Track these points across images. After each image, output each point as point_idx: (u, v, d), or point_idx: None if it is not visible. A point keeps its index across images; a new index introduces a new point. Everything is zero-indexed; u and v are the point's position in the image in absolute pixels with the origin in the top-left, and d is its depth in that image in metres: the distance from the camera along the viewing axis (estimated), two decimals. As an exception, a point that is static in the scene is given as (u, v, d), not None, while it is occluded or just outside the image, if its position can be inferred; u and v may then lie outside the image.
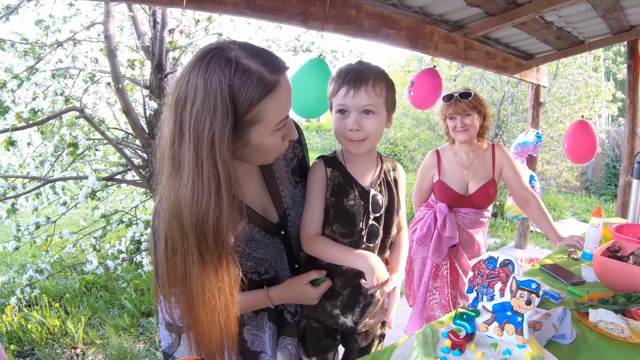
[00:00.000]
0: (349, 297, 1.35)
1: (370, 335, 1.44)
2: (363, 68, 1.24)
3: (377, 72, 1.25)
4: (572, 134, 3.77)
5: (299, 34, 4.35)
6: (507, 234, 6.40)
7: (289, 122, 1.03)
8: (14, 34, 3.30)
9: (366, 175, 1.34)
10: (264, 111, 0.89)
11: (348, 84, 1.21)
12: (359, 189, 1.30)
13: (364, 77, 1.21)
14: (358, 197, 1.29)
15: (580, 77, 7.40)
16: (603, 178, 10.27)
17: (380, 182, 1.34)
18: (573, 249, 1.98)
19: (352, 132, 1.22)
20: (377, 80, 1.22)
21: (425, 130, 8.80)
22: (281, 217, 1.22)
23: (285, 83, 0.94)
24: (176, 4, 2.13)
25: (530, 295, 0.83)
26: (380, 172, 1.36)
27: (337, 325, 1.38)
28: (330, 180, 1.30)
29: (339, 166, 1.32)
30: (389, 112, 1.31)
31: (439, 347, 0.87)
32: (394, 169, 1.41)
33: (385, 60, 20.81)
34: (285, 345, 1.27)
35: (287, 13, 2.46)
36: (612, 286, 1.49)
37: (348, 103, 1.21)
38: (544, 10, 3.09)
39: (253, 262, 1.16)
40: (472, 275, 0.93)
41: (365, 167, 1.34)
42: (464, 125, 2.18)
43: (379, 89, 1.22)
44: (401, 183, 1.42)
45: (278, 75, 0.91)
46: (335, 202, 1.29)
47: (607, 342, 1.18)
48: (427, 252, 2.34)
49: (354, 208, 1.28)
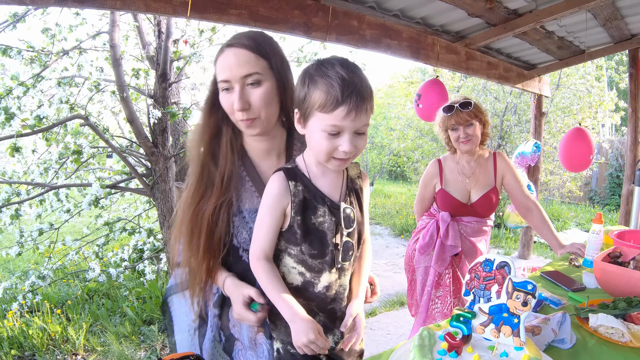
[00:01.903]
0: (326, 319, 1.20)
1: (352, 352, 1.28)
2: (361, 82, 1.03)
3: (368, 86, 1.06)
4: (568, 142, 3.77)
5: (302, 44, 4.40)
6: (510, 244, 6.37)
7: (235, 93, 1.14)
8: (20, 41, 3.36)
9: (334, 188, 1.18)
10: (216, 70, 1.17)
11: (348, 104, 1.00)
12: (329, 203, 1.15)
13: (366, 95, 1.03)
14: (328, 213, 1.15)
15: (582, 87, 7.41)
16: (607, 188, 10.22)
17: (349, 193, 1.20)
18: (574, 256, 1.97)
19: (345, 153, 1.05)
20: (370, 97, 1.05)
21: (429, 141, 8.82)
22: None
23: (228, 54, 1.14)
24: (180, 14, 2.17)
25: (527, 297, 0.83)
26: (346, 182, 1.21)
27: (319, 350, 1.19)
28: (294, 196, 1.13)
29: (303, 179, 1.16)
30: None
31: (435, 350, 0.87)
32: (359, 177, 1.26)
33: (388, 73, 20.89)
34: (260, 342, 1.24)
35: (290, 24, 2.50)
36: (613, 291, 1.49)
37: (347, 125, 1.02)
38: (544, 20, 3.12)
39: (248, 235, 1.20)
40: (469, 278, 0.93)
41: (331, 178, 1.18)
42: (467, 136, 2.17)
43: (370, 107, 1.06)
44: (365, 191, 1.27)
45: (227, 47, 1.15)
46: (302, 221, 1.13)
47: (607, 347, 1.18)
48: (430, 261, 2.33)
49: (323, 225, 1.14)
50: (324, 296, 1.17)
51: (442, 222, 2.26)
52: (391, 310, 3.96)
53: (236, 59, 1.13)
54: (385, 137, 13.53)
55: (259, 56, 1.15)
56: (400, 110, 10.35)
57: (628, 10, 3.36)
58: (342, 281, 1.19)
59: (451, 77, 8.12)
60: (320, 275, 1.15)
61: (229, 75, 1.13)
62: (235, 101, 1.13)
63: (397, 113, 10.68)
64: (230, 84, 1.14)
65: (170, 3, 2.10)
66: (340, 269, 1.17)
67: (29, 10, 3.23)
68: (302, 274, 1.17)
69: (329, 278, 1.16)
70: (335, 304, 1.19)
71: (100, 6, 2.04)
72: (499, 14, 3.19)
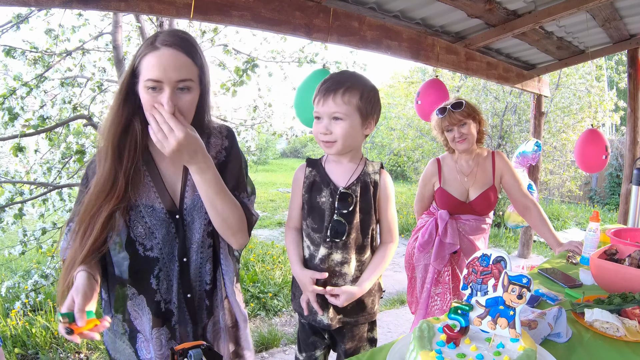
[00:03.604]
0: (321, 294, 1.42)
1: (357, 336, 1.48)
2: (338, 78, 1.37)
3: (351, 81, 1.36)
4: (582, 144, 3.81)
5: (303, 45, 4.43)
6: (510, 243, 6.40)
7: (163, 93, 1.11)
8: (24, 42, 3.39)
9: (343, 176, 1.44)
10: (142, 64, 1.13)
11: (320, 93, 1.36)
12: (332, 187, 1.42)
13: (334, 87, 1.34)
14: (329, 194, 1.42)
15: (582, 87, 7.44)
16: (607, 187, 10.26)
17: (357, 183, 1.43)
18: (572, 254, 2.00)
19: (323, 135, 1.36)
20: (347, 89, 1.34)
21: (429, 141, 8.85)
22: (181, 203, 1.26)
23: (164, 53, 1.11)
24: (183, 16, 2.20)
25: (522, 290, 0.86)
26: (359, 174, 1.44)
27: (315, 322, 1.46)
28: (307, 179, 1.48)
29: (318, 166, 1.49)
30: (365, 117, 1.39)
31: (434, 341, 0.90)
32: (376, 173, 1.47)
33: (389, 73, 20.95)
34: (158, 335, 1.24)
35: (292, 25, 2.53)
36: (609, 287, 1.51)
37: (320, 110, 1.36)
38: (543, 20, 3.15)
39: (143, 230, 1.21)
40: (467, 273, 0.96)
41: (343, 168, 1.45)
42: (461, 135, 2.22)
43: (348, 97, 1.33)
44: (384, 188, 1.47)
45: (163, 45, 1.12)
46: (308, 199, 1.46)
47: (602, 341, 1.20)
48: (429, 259, 2.36)
49: (324, 205, 1.42)
50: (320, 269, 1.41)
51: (440, 220, 2.29)
52: (392, 309, 3.99)
53: (174, 61, 1.11)
54: (385, 137, 13.54)
55: (194, 63, 1.15)
56: (401, 110, 10.37)
57: (627, 10, 3.38)
58: (334, 257, 1.41)
59: (451, 77, 8.15)
60: (319, 249, 1.42)
61: (162, 75, 1.10)
62: (165, 104, 1.11)
63: (397, 113, 10.69)
64: (160, 85, 1.11)
65: (173, 4, 2.13)
66: (332, 246, 1.40)
67: (32, 12, 3.26)
68: (308, 247, 1.47)
69: (324, 252, 1.41)
70: (328, 279, 1.40)
71: (104, 7, 2.07)
72: (498, 15, 3.22)
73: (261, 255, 5.25)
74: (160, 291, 1.23)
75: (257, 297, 3.99)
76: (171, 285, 1.24)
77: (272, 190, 12.32)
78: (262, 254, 5.28)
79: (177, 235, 1.24)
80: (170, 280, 1.24)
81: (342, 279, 1.42)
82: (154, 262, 1.22)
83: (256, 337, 3.26)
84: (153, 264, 1.22)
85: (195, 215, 1.26)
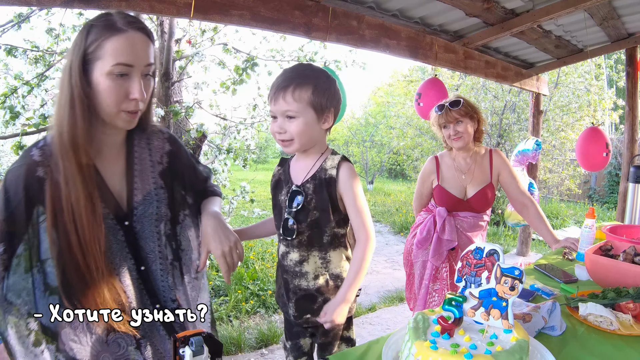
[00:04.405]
0: (282, 287, 1.47)
1: (330, 333, 1.44)
2: (288, 74, 1.33)
3: (301, 77, 1.32)
4: (583, 142, 3.82)
5: (302, 44, 4.44)
6: (509, 241, 6.43)
7: (133, 79, 1.06)
8: (25, 41, 3.41)
9: (302, 173, 1.42)
10: (103, 48, 1.02)
11: (271, 91, 1.34)
12: (289, 185, 1.42)
13: (283, 85, 1.30)
14: (285, 193, 1.42)
15: (581, 86, 7.46)
16: (606, 186, 10.28)
17: (312, 180, 1.37)
18: (568, 250, 2.03)
19: (279, 134, 1.34)
20: (297, 86, 1.30)
21: (428, 139, 8.87)
22: (129, 210, 1.18)
23: (134, 36, 1.04)
24: (184, 15, 2.22)
25: (514, 282, 0.88)
26: (315, 170, 1.38)
27: (287, 315, 1.49)
28: (274, 177, 1.51)
29: (285, 165, 1.50)
30: (321, 111, 1.34)
31: (429, 332, 0.93)
32: (334, 167, 1.36)
33: (388, 71, 20.97)
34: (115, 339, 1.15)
35: (291, 24, 2.55)
36: (603, 282, 1.54)
37: (273, 109, 1.34)
38: (541, 19, 3.17)
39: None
40: (461, 265, 0.98)
41: (304, 165, 1.43)
42: (457, 133, 2.24)
43: (298, 94, 1.29)
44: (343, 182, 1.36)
45: (128, 28, 1.04)
46: (273, 196, 1.49)
47: (596, 334, 1.22)
48: (427, 255, 2.39)
49: (283, 203, 1.42)
50: (281, 264, 1.45)
51: (439, 217, 2.31)
52: (390, 306, 4.02)
53: (143, 44, 1.06)
54: (384, 136, 13.59)
55: (153, 47, 1.11)
56: (400, 108, 10.40)
57: (624, 9, 3.40)
58: (291, 256, 1.41)
59: (450, 75, 8.17)
60: (280, 245, 1.45)
61: (134, 59, 1.04)
62: (137, 90, 1.06)
63: (396, 111, 10.73)
64: (131, 70, 1.05)
65: (174, 4, 2.15)
66: (288, 244, 1.41)
67: (33, 11, 3.28)
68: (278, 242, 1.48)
69: (282, 249, 1.43)
70: (288, 276, 1.43)
71: (105, 7, 2.08)
72: (496, 13, 3.24)
73: (261, 253, 5.27)
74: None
75: (257, 295, 4.02)
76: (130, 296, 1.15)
77: (272, 189, 12.31)
78: (262, 252, 5.31)
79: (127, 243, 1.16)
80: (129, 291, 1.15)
81: (304, 279, 1.39)
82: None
83: (256, 334, 3.28)
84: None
85: (145, 223, 1.19)
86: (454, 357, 0.82)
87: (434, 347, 0.85)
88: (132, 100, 1.07)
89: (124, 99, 1.06)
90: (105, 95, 1.05)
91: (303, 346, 1.53)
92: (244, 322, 3.57)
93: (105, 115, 1.09)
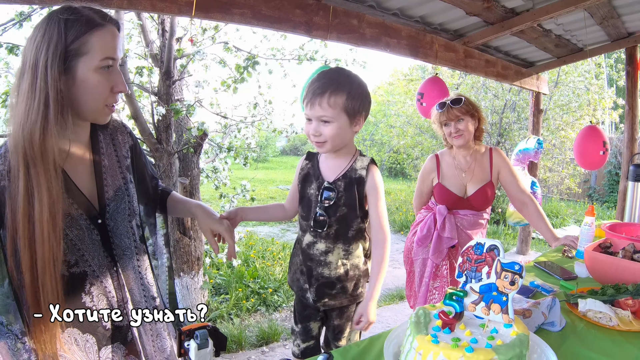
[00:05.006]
0: (305, 274, 1.55)
1: (344, 315, 1.55)
2: (323, 81, 1.41)
3: (336, 83, 1.40)
4: (581, 141, 3.83)
5: (303, 43, 4.45)
6: (509, 240, 6.44)
7: (116, 73, 1.08)
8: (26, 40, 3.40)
9: (332, 170, 1.52)
10: (89, 43, 1.01)
11: (307, 97, 1.42)
12: (320, 180, 1.52)
13: (320, 90, 1.39)
14: (316, 187, 1.52)
15: (581, 85, 7.47)
16: (606, 185, 10.29)
17: (343, 178, 1.50)
18: (568, 248, 2.04)
19: (314, 136, 1.44)
20: (332, 93, 1.38)
21: (428, 138, 8.88)
22: (101, 207, 1.16)
23: (111, 30, 1.06)
24: (185, 14, 2.22)
25: (514, 276, 0.89)
26: (346, 170, 1.50)
27: (304, 299, 1.57)
28: (302, 170, 1.60)
29: (314, 160, 1.60)
30: (353, 116, 1.44)
31: (430, 326, 0.94)
32: (364, 168, 1.49)
33: (389, 70, 20.96)
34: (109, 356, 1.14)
35: (292, 22, 2.56)
36: (602, 279, 1.55)
37: (309, 113, 1.43)
38: (542, 18, 3.17)
39: (65, 245, 1.04)
40: (462, 261, 1.00)
41: (334, 163, 1.53)
42: (457, 131, 2.26)
43: (333, 101, 1.38)
44: (371, 183, 1.48)
45: (106, 22, 1.05)
46: (301, 189, 1.58)
47: (595, 330, 1.24)
48: (427, 253, 2.40)
49: (312, 197, 1.52)
50: (305, 253, 1.54)
51: (439, 215, 2.32)
52: (391, 304, 4.03)
53: (118, 39, 1.07)
54: (385, 135, 13.58)
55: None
56: (400, 107, 10.40)
57: (624, 9, 3.41)
58: (318, 246, 1.50)
59: (451, 74, 8.18)
60: (305, 235, 1.54)
61: (117, 53, 1.06)
62: (121, 83, 1.07)
63: (396, 110, 10.72)
64: (114, 63, 1.07)
65: (175, 2, 2.16)
66: (317, 235, 1.50)
67: (34, 10, 3.28)
68: (300, 232, 1.59)
69: (309, 239, 1.52)
70: (312, 264, 1.52)
71: (106, 5, 2.09)
72: (496, 12, 3.24)
73: (261, 251, 5.29)
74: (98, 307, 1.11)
75: (258, 293, 4.03)
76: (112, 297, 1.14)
77: (272, 187, 12.36)
78: (263, 251, 5.32)
79: (102, 241, 1.14)
80: (110, 292, 1.14)
81: (327, 267, 1.50)
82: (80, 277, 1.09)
83: (257, 331, 3.30)
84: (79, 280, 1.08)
85: (118, 219, 1.18)
86: (455, 350, 0.83)
87: (435, 341, 0.86)
88: (116, 94, 1.09)
89: (109, 93, 1.08)
90: (92, 90, 1.05)
91: (312, 329, 1.61)
92: (244, 320, 3.59)
93: (87, 112, 1.08)
